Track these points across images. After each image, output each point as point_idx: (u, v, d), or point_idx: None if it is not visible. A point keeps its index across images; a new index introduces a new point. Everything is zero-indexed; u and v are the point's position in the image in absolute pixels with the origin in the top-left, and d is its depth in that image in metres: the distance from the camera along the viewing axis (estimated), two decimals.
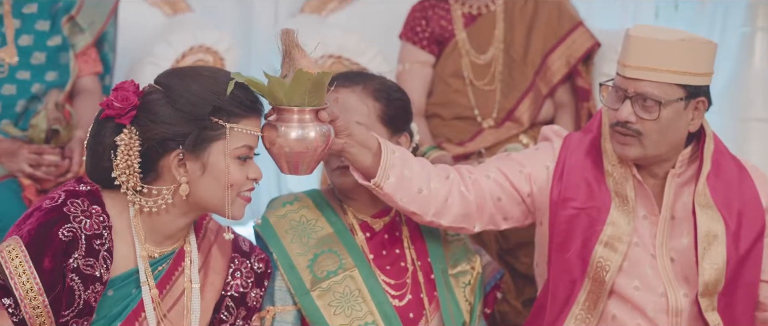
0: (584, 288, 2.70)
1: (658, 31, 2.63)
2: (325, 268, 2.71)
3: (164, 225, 2.42)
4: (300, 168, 2.42)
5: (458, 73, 3.82)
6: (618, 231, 2.68)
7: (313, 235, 2.74)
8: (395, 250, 2.79)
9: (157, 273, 2.44)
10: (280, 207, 2.80)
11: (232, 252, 2.54)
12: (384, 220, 2.80)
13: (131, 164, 2.35)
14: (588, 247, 2.68)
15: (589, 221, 2.69)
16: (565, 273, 2.72)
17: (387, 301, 2.70)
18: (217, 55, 3.84)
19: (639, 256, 2.70)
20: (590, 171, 2.72)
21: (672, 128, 2.63)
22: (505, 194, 2.76)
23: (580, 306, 2.70)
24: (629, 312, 2.70)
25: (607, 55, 3.93)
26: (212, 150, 2.34)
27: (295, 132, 2.37)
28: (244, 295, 2.55)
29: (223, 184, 2.35)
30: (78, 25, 3.57)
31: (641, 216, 2.71)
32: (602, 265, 2.67)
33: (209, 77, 2.37)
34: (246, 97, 2.37)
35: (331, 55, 3.85)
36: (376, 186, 2.59)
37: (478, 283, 2.85)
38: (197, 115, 2.33)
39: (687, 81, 2.60)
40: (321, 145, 2.40)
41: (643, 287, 2.69)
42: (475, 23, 3.83)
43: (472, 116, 3.79)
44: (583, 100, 3.84)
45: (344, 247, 2.73)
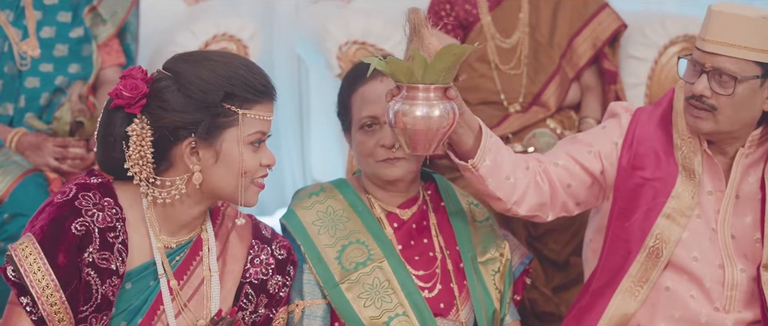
0: (637, 261, 2.70)
1: (740, 7, 2.62)
2: (353, 260, 2.67)
3: (178, 215, 2.38)
4: (424, 147, 2.38)
5: (484, 58, 3.78)
6: (681, 205, 2.68)
7: (341, 226, 2.70)
8: (423, 240, 2.75)
9: (175, 263, 2.40)
10: (306, 198, 2.75)
11: (252, 238, 2.50)
12: (412, 210, 2.76)
13: (144, 154, 2.31)
14: (650, 218, 2.69)
15: (653, 193, 2.70)
16: (622, 241, 2.72)
17: (417, 292, 2.67)
18: (240, 43, 3.80)
19: (700, 228, 2.70)
20: (659, 143, 2.73)
21: (746, 105, 2.62)
22: (574, 180, 2.76)
23: (631, 279, 2.70)
24: (684, 284, 2.70)
25: (634, 36, 3.89)
26: (225, 137, 2.30)
27: (421, 110, 2.34)
28: (265, 282, 2.50)
29: (237, 172, 2.31)
30: (100, 16, 3.55)
31: (707, 191, 2.70)
32: (662, 237, 2.68)
33: (220, 62, 2.32)
34: (258, 81, 2.33)
35: (355, 41, 3.79)
36: (473, 166, 2.58)
37: (507, 270, 2.82)
38: (209, 102, 2.29)
39: (765, 59, 2.59)
40: (448, 122, 2.37)
41: (701, 258, 2.69)
42: (499, 6, 3.79)
43: (498, 101, 3.76)
44: (610, 83, 3.80)
45: (372, 238, 2.69)
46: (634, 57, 3.89)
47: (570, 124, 3.77)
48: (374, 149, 2.66)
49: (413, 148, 2.40)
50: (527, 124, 3.71)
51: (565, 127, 3.74)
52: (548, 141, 3.52)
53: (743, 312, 2.71)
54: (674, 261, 2.70)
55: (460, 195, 2.85)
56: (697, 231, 2.70)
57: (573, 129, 3.75)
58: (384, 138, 2.64)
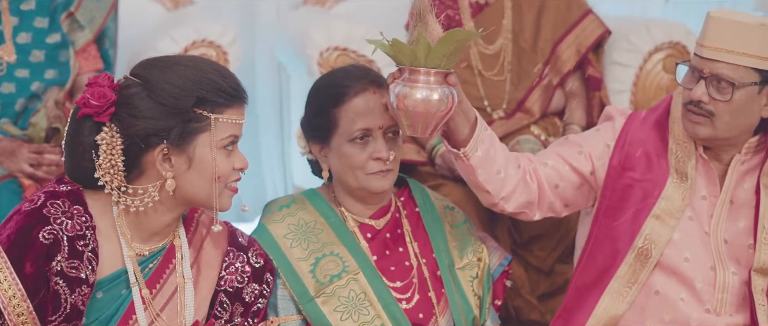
0: (626, 262, 2.69)
1: (739, 14, 2.62)
2: (328, 272, 2.62)
3: (150, 223, 2.34)
4: (422, 129, 2.45)
5: (467, 64, 3.73)
6: (671, 206, 2.68)
7: (313, 238, 2.66)
8: (398, 249, 2.70)
9: (147, 271, 2.36)
10: (277, 211, 2.71)
11: (228, 245, 2.46)
12: (385, 219, 2.71)
13: (115, 163, 2.28)
14: (639, 219, 2.69)
15: (643, 193, 2.70)
16: (609, 241, 2.71)
17: (395, 303, 2.62)
18: (220, 49, 3.76)
19: (692, 230, 2.69)
20: (652, 145, 2.73)
21: (744, 112, 2.62)
22: (563, 180, 2.77)
23: (619, 281, 2.69)
24: (674, 286, 2.69)
25: (618, 42, 3.85)
26: (198, 142, 2.27)
27: (421, 92, 2.40)
28: (240, 290, 2.46)
29: (211, 177, 2.28)
30: (77, 22, 3.50)
31: (701, 195, 2.70)
32: (651, 238, 2.67)
33: (190, 67, 2.30)
34: (229, 85, 2.30)
35: (337, 47, 3.75)
36: (464, 155, 2.60)
37: (486, 274, 2.78)
38: (181, 108, 2.26)
39: (763, 65, 2.59)
40: (447, 106, 2.43)
41: (693, 259, 2.68)
42: (482, 12, 3.76)
43: (481, 107, 3.71)
44: (595, 90, 3.77)
45: (346, 249, 2.65)
46: (619, 63, 3.86)
47: (554, 131, 3.74)
48: (366, 162, 2.62)
49: (412, 130, 2.45)
50: (511, 130, 3.67)
51: (549, 133, 3.71)
52: (532, 147, 3.50)
53: (734, 316, 2.70)
54: (664, 263, 2.69)
55: (434, 199, 2.81)
56: (690, 233, 2.69)
57: (557, 135, 3.72)
58: (378, 150, 2.60)
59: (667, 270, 2.69)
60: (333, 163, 2.67)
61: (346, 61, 3.72)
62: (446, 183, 3.51)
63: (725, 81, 2.57)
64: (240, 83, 2.34)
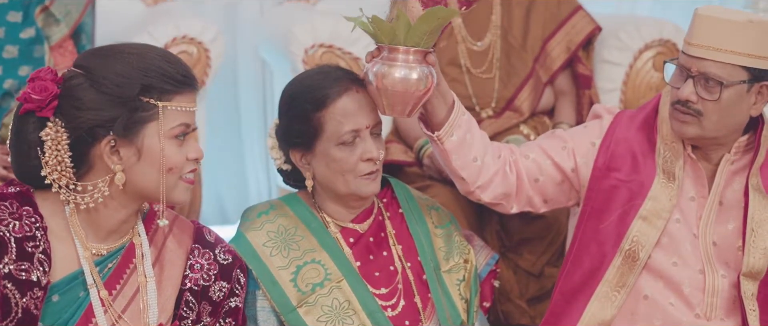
0: (613, 265, 2.65)
1: (726, 11, 2.59)
2: (309, 281, 2.54)
3: (105, 220, 2.26)
4: (399, 109, 2.45)
5: (455, 61, 3.67)
6: (657, 207, 2.64)
7: (294, 246, 2.57)
8: (382, 253, 2.62)
9: (106, 271, 2.28)
10: (256, 218, 2.62)
11: (193, 242, 2.38)
12: (368, 222, 2.63)
13: (62, 160, 2.20)
14: (625, 221, 2.65)
15: (629, 194, 2.66)
16: (596, 244, 2.67)
17: (380, 311, 2.54)
18: (201, 46, 3.68)
19: (680, 232, 2.66)
20: (638, 145, 2.69)
21: (733, 111, 2.58)
22: (543, 174, 2.73)
23: (607, 284, 2.65)
24: (662, 291, 2.65)
25: (608, 40, 3.80)
26: (146, 133, 2.21)
27: (400, 71, 2.41)
28: (206, 289, 2.37)
29: (162, 169, 2.22)
30: (53, 16, 3.40)
31: (689, 197, 2.67)
32: (638, 240, 2.64)
33: (135, 54, 2.23)
34: (176, 71, 2.23)
35: (321, 44, 3.68)
36: (438, 138, 2.58)
37: (473, 277, 2.70)
38: (125, 97, 2.19)
39: (752, 63, 2.55)
40: (426, 85, 2.43)
41: (681, 263, 2.65)
42: (471, 9, 3.69)
43: (470, 106, 3.64)
44: (585, 88, 3.71)
45: (329, 256, 2.57)
46: (609, 61, 3.81)
47: (543, 130, 3.67)
48: (356, 164, 2.54)
49: (391, 110, 2.45)
50: (500, 129, 3.61)
51: (538, 132, 3.65)
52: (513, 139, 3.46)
53: (725, 320, 2.66)
54: (652, 266, 2.65)
55: (418, 199, 2.73)
56: (677, 236, 2.65)
57: None
58: (368, 150, 2.53)
59: (655, 274, 2.65)
60: (319, 170, 2.58)
61: (331, 58, 3.65)
62: (434, 185, 3.46)
63: (713, 80, 2.54)
64: (188, 69, 2.27)
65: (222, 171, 4.58)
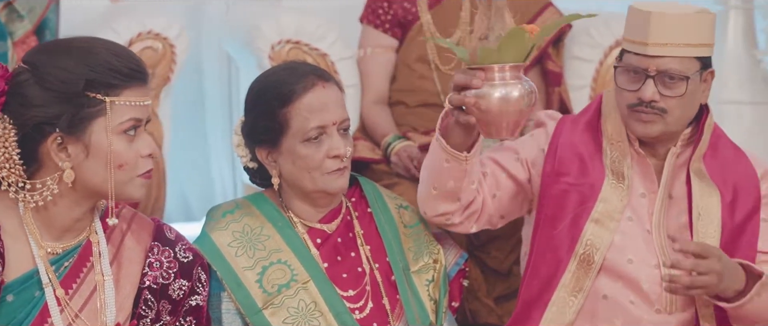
0: (569, 270, 2.64)
1: (666, 5, 2.59)
2: (275, 282, 2.50)
3: (58, 218, 2.22)
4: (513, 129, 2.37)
5: (423, 58, 3.64)
6: (609, 208, 2.64)
7: (260, 246, 2.53)
8: (350, 254, 2.59)
9: (62, 270, 2.24)
10: (220, 218, 2.58)
11: (152, 240, 2.34)
12: (336, 222, 2.61)
13: (10, 157, 2.16)
14: (578, 225, 2.64)
15: (580, 198, 2.65)
16: (551, 250, 2.66)
17: (347, 313, 2.51)
18: (166, 42, 3.62)
19: (633, 230, 2.66)
20: (585, 148, 2.69)
21: (693, 102, 2.62)
22: (500, 188, 2.72)
23: (564, 290, 2.64)
24: (621, 290, 2.64)
25: (578, 37, 3.77)
26: (94, 129, 2.16)
27: (509, 90, 2.33)
28: (166, 287, 2.34)
29: (113, 165, 2.17)
30: (16, 12, 3.37)
31: (639, 194, 2.66)
32: (592, 243, 2.63)
33: (81, 48, 2.19)
34: (124, 64, 2.18)
35: (288, 40, 3.63)
36: (465, 159, 2.50)
37: (442, 277, 2.68)
38: (70, 93, 2.15)
39: (701, 53, 2.60)
40: (532, 100, 2.35)
41: (636, 259, 2.65)
42: (440, 4, 3.66)
43: (438, 103, 3.60)
44: (554, 85, 3.68)
45: (295, 256, 2.53)
46: (579, 58, 3.78)
47: None
48: (323, 161, 2.51)
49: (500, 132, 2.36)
50: None
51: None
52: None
53: (686, 312, 2.65)
54: (608, 266, 2.64)
55: (387, 198, 2.70)
56: (630, 234, 2.65)
57: None
58: (335, 147, 2.50)
59: (612, 275, 2.64)
60: (285, 167, 2.55)
61: (298, 54, 3.61)
62: (402, 182, 3.41)
63: (677, 76, 2.56)
64: (138, 62, 2.22)
65: (186, 168, 4.54)
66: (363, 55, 3.68)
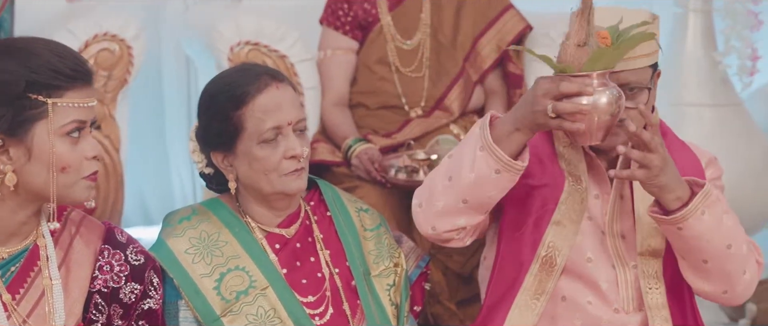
0: (531, 273, 2.59)
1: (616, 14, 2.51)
2: (234, 289, 2.45)
3: (2, 223, 2.18)
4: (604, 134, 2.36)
5: (383, 60, 3.63)
6: (571, 210, 2.60)
7: (217, 252, 2.48)
8: (310, 259, 2.54)
9: (9, 274, 2.19)
10: (177, 224, 2.52)
11: (102, 243, 2.29)
12: (295, 226, 2.55)
13: None
14: (540, 227, 2.60)
15: (542, 200, 2.60)
16: (514, 253, 2.62)
17: (307, 319, 2.46)
18: (123, 43, 3.57)
19: (591, 229, 2.62)
20: (542, 150, 2.63)
21: (649, 107, 2.57)
22: None
23: (526, 293, 2.60)
24: (580, 290, 2.61)
25: (539, 39, 3.74)
26: (36, 131, 2.11)
27: (605, 96, 2.31)
28: (116, 291, 2.29)
29: (55, 167, 2.13)
30: None
31: (593, 194, 2.62)
32: (554, 245, 2.59)
33: (21, 49, 2.13)
34: (66, 65, 2.13)
35: (247, 42, 3.60)
36: (522, 169, 2.45)
37: (403, 281, 2.63)
38: (11, 95, 2.10)
39: (654, 59, 2.55)
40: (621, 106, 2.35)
41: (595, 259, 2.61)
42: (400, 6, 3.65)
43: (399, 105, 3.61)
44: (515, 87, 3.68)
45: (254, 262, 2.48)
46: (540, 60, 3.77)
47: None
48: (280, 162, 2.45)
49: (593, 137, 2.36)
50: (429, 129, 3.56)
51: None
52: (452, 148, 3.39)
53: (644, 311, 2.61)
54: (569, 267, 2.61)
55: (347, 201, 2.66)
56: (589, 233, 2.62)
57: None
58: (292, 147, 2.45)
59: (573, 275, 2.62)
60: (241, 170, 2.50)
61: (257, 56, 3.57)
62: (363, 185, 3.40)
63: (637, 87, 2.52)
64: (82, 62, 2.17)
65: (145, 171, 4.50)
66: (323, 57, 3.66)
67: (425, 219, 2.54)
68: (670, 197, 2.45)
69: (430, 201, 2.52)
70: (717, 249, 2.50)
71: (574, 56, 2.31)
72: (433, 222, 2.53)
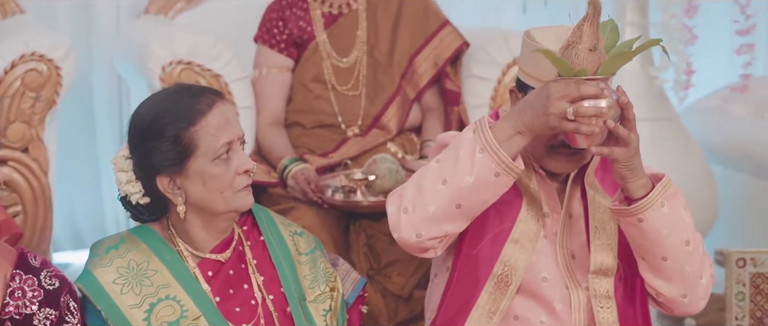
0: (486, 291, 2.56)
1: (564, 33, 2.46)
2: (164, 319, 2.36)
3: None
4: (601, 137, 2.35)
5: (319, 78, 3.57)
6: (528, 229, 2.57)
7: (147, 282, 2.39)
8: (243, 286, 2.47)
9: None
10: (104, 254, 2.43)
11: (13, 268, 2.24)
12: (228, 252, 2.48)
13: None
14: (497, 245, 2.56)
15: (500, 217, 2.57)
16: (470, 270, 2.58)
17: None
18: (52, 64, 3.46)
19: (546, 248, 2.59)
20: None
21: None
22: None
23: (479, 311, 2.56)
24: (534, 309, 2.58)
25: (476, 55, 3.71)
26: None
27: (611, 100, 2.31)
28: (29, 317, 2.23)
29: None
30: None
31: (544, 213, 2.60)
32: (510, 264, 2.56)
33: None
34: None
35: (180, 61, 3.51)
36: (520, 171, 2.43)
37: (340, 306, 2.56)
38: None
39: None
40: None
41: (550, 278, 2.59)
42: (336, 23, 3.59)
43: (335, 124, 3.55)
44: (453, 104, 3.63)
45: (185, 291, 2.40)
46: (477, 77, 3.73)
47: (411, 148, 3.59)
48: (234, 178, 2.39)
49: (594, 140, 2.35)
50: (367, 148, 3.51)
51: (406, 150, 3.57)
52: (390, 167, 3.35)
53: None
54: (523, 286, 2.58)
55: (281, 225, 2.59)
56: (545, 252, 2.59)
57: (415, 153, 3.58)
58: (243, 162, 2.39)
59: (527, 294, 2.59)
60: (193, 191, 2.41)
61: (190, 75, 3.49)
62: (299, 206, 3.34)
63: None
64: None
65: (76, 193, 4.39)
66: (258, 76, 3.59)
67: (412, 226, 2.47)
68: (638, 183, 2.43)
69: (420, 205, 2.45)
70: (676, 246, 2.48)
71: (587, 60, 2.30)
72: (419, 229, 2.47)
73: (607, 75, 2.31)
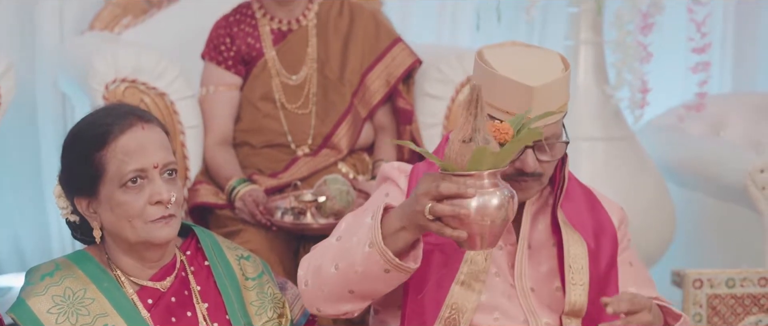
0: None
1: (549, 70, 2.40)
2: None
3: None
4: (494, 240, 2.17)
5: (268, 96, 3.49)
6: (475, 269, 2.48)
7: (83, 311, 2.30)
8: (186, 313, 2.38)
9: None
10: (39, 282, 2.33)
11: None
12: (169, 279, 2.39)
13: None
14: (443, 287, 2.47)
15: (444, 258, 2.48)
16: (416, 315, 2.49)
17: None
18: None
19: (498, 287, 2.52)
20: None
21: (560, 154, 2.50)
22: None
23: None
24: None
25: (429, 72, 3.65)
26: None
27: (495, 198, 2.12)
28: None
29: None
30: None
31: (498, 247, 2.50)
32: (458, 307, 2.47)
33: None
34: None
35: (124, 79, 3.40)
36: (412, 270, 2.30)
37: None
38: None
39: (564, 111, 2.46)
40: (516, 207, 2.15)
41: (503, 317, 2.51)
42: (285, 40, 3.51)
43: (285, 143, 3.47)
44: (405, 123, 3.56)
45: (123, 321, 2.31)
46: (430, 95, 3.66)
47: (363, 168, 3.52)
48: (144, 208, 2.28)
49: (483, 243, 2.16)
50: (317, 168, 3.44)
51: (357, 171, 3.50)
52: (340, 188, 3.28)
53: None
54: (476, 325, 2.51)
55: (226, 249, 2.50)
56: (495, 291, 2.52)
57: (367, 173, 3.50)
58: (157, 192, 2.28)
59: None
60: (105, 218, 2.32)
61: (135, 93, 3.39)
62: (247, 229, 3.26)
63: (554, 140, 2.43)
64: None
65: (20, 214, 4.27)
66: (205, 94, 3.51)
67: (311, 301, 2.42)
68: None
69: (316, 284, 2.39)
70: None
71: (458, 153, 2.10)
72: (318, 305, 2.42)
73: (480, 170, 2.10)
